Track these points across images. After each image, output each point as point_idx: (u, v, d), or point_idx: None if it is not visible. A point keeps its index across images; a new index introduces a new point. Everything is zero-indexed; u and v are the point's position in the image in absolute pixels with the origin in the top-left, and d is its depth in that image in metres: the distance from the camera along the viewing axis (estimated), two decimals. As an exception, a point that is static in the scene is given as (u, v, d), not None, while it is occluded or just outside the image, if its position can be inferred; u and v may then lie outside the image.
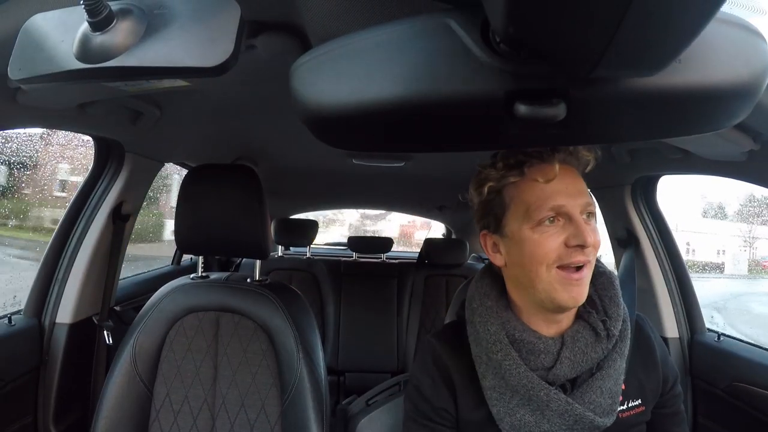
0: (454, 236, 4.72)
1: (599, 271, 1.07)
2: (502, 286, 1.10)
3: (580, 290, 0.95)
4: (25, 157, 2.59)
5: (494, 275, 1.12)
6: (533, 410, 0.98)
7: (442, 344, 1.12)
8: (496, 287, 1.10)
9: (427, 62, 0.50)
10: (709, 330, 1.94)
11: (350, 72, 0.52)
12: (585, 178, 1.01)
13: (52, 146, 2.81)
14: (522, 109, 0.48)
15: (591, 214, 0.98)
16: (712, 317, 2.05)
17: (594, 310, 1.03)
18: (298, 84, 0.54)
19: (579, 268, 0.94)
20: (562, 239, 0.94)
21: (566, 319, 1.03)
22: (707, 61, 0.49)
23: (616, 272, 1.17)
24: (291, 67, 0.56)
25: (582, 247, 0.92)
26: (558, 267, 0.94)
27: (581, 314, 1.04)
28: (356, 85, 0.51)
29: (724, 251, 7.92)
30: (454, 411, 1.07)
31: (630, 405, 1.06)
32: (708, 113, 0.55)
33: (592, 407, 0.97)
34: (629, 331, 1.05)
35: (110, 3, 0.65)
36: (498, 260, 1.06)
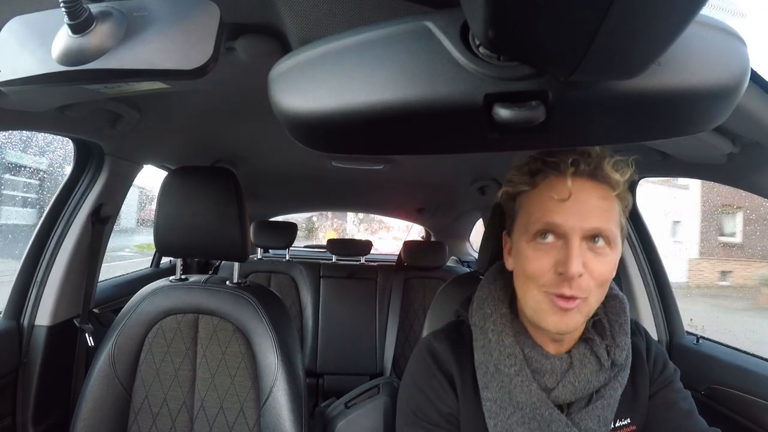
0: (433, 239, 4.72)
1: (611, 294, 1.02)
2: (513, 292, 1.04)
3: (567, 319, 0.88)
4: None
5: (506, 279, 1.07)
6: (532, 429, 0.93)
7: (444, 346, 1.06)
8: (508, 292, 1.06)
9: (407, 65, 0.50)
10: (688, 333, 1.93)
11: (330, 76, 0.52)
12: None
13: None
14: (501, 112, 0.47)
15: (604, 241, 0.88)
16: (690, 320, 2.05)
17: (601, 335, 1.00)
18: (277, 88, 0.54)
19: (569, 297, 0.86)
20: (553, 262, 0.87)
21: (569, 339, 0.99)
22: (687, 64, 0.49)
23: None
24: (270, 71, 0.56)
25: (565, 276, 0.85)
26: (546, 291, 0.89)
27: (586, 337, 0.99)
28: (336, 90, 0.51)
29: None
30: (458, 415, 1.02)
31: (618, 425, 1.01)
32: (688, 116, 0.55)
33: None
34: (630, 359, 1.01)
35: (90, 5, 0.66)
36: (509, 264, 1.02)
